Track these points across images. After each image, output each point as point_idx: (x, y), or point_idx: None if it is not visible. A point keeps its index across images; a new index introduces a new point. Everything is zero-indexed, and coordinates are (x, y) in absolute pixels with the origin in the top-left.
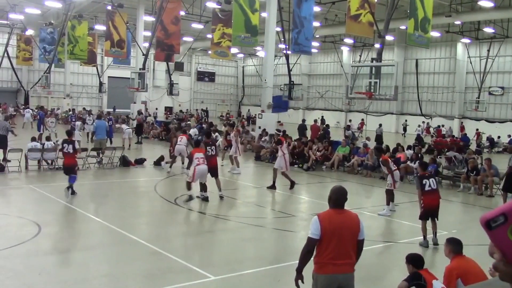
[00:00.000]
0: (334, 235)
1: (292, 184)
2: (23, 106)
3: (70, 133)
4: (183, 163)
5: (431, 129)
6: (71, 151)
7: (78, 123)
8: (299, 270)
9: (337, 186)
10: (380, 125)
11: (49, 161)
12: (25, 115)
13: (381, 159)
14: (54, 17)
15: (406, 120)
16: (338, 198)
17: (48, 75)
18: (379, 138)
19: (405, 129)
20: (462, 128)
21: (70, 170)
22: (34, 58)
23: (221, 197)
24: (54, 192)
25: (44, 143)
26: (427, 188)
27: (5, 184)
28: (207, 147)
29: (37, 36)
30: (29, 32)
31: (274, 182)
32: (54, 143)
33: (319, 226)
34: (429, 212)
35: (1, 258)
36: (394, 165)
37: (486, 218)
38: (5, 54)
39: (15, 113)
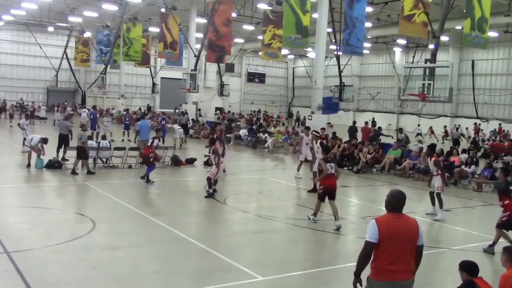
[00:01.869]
0: (391, 239)
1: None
2: (80, 106)
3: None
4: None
5: (484, 132)
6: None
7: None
8: (357, 274)
9: (396, 190)
10: (458, 128)
11: (104, 159)
12: (81, 115)
13: (433, 159)
14: (110, 19)
15: (455, 125)
16: (397, 202)
17: (104, 76)
18: (456, 141)
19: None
20: None
21: (145, 160)
22: (91, 60)
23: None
24: (109, 189)
25: (99, 142)
26: None
27: (63, 181)
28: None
29: (94, 38)
30: (87, 34)
31: (315, 185)
32: (109, 142)
33: (377, 230)
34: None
35: (57, 252)
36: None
37: None
38: (64, 56)
39: (72, 112)
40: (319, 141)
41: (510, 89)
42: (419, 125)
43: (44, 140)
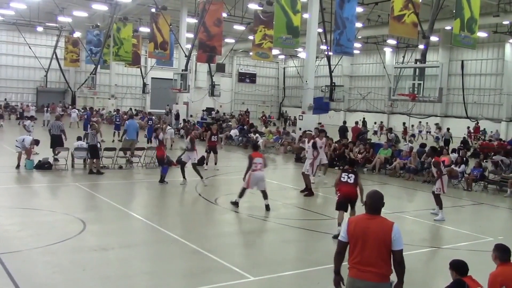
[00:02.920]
0: (358, 239)
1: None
2: (70, 107)
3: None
4: None
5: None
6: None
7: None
8: (335, 271)
9: (373, 190)
10: (448, 129)
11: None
12: (71, 115)
13: (433, 160)
14: (100, 19)
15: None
16: (371, 203)
17: (94, 76)
18: (447, 142)
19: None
20: None
21: (160, 161)
22: (81, 60)
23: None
24: (99, 190)
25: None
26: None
27: (52, 181)
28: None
29: (84, 38)
30: (77, 34)
31: (306, 185)
32: (99, 142)
33: (346, 229)
34: None
35: (48, 253)
36: (445, 170)
37: None
38: (54, 56)
39: (62, 113)
40: (311, 141)
41: (499, 89)
42: (412, 126)
43: (36, 142)
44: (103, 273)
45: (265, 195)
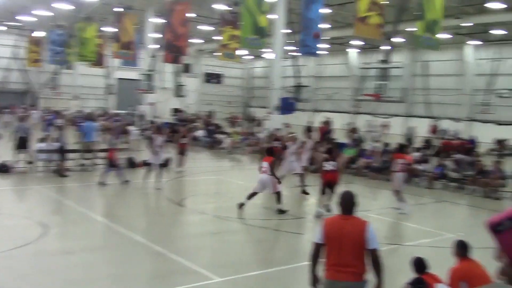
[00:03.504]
0: (335, 241)
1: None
2: (31, 108)
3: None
4: None
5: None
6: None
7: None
8: (311, 272)
9: (345, 191)
10: (410, 128)
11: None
12: (32, 116)
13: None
14: (64, 19)
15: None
16: (345, 203)
17: (56, 76)
18: (408, 140)
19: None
20: None
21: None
22: (44, 60)
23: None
24: (60, 193)
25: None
26: None
27: (13, 184)
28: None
29: (47, 38)
30: (38, 33)
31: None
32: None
33: (322, 231)
34: None
35: (8, 258)
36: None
37: (492, 222)
38: (14, 56)
39: (26, 114)
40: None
41: (460, 89)
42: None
43: None
44: (65, 277)
45: (278, 198)
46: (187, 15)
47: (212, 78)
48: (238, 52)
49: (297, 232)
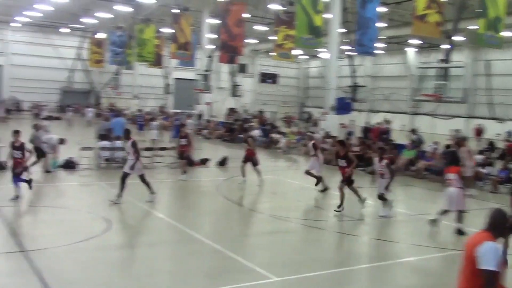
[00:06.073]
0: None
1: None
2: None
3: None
4: None
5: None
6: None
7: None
8: None
9: (496, 209)
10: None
11: (118, 160)
12: (87, 114)
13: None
14: (123, 21)
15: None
16: (490, 221)
17: (117, 76)
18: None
19: None
20: None
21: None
22: (105, 61)
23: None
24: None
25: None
26: None
27: (77, 181)
28: None
29: (108, 39)
30: (101, 35)
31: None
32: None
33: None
34: None
35: (73, 251)
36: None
37: None
38: (78, 57)
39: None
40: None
41: None
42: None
43: (62, 141)
44: (127, 271)
45: (460, 217)
46: (243, 15)
47: (268, 78)
48: (293, 52)
49: (353, 234)
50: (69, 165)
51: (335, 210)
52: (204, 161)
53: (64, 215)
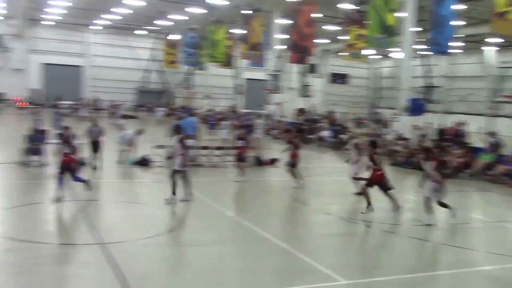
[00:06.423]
0: None
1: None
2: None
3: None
4: None
5: None
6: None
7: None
8: None
9: None
10: None
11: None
12: (156, 113)
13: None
14: (196, 22)
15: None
16: None
17: (190, 77)
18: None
19: None
20: None
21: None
22: (179, 61)
23: None
24: (195, 187)
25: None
26: None
27: (150, 178)
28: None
29: (181, 40)
30: (174, 36)
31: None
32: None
33: None
34: None
35: (144, 245)
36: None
37: None
38: (153, 58)
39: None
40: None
41: None
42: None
43: (140, 132)
44: (196, 268)
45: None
46: (313, 15)
47: (338, 78)
48: (364, 52)
49: (425, 239)
50: (143, 162)
51: (362, 212)
52: (273, 161)
53: (138, 210)
